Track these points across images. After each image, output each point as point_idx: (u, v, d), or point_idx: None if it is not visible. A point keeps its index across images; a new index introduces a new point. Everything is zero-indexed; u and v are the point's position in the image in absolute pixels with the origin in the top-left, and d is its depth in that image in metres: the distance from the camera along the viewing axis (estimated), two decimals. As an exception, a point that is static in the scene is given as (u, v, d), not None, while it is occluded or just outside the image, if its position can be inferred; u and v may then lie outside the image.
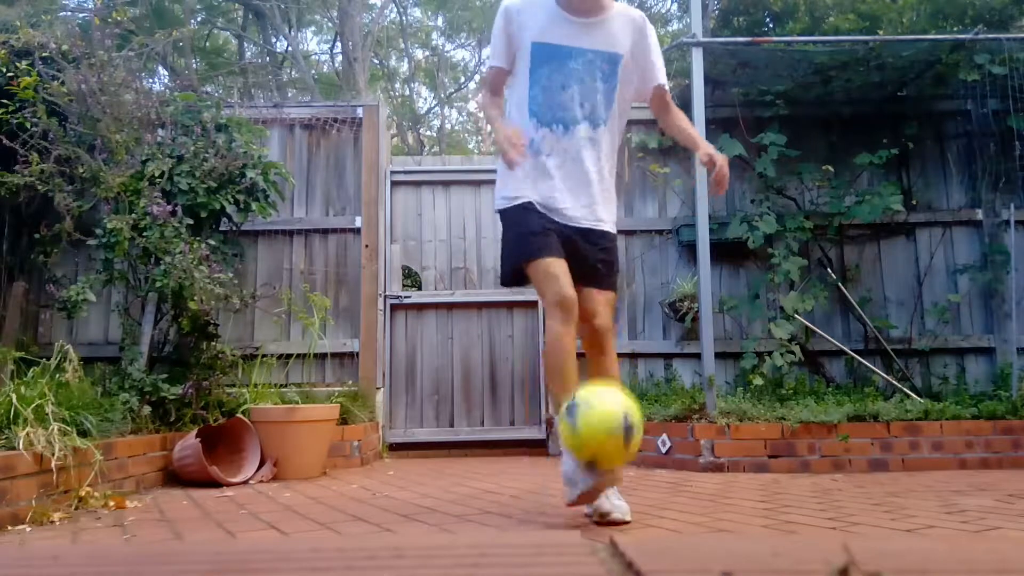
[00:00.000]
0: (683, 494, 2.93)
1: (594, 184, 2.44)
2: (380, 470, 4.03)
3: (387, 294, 4.97)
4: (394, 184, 5.18)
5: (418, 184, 5.23)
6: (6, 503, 2.37)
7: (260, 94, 12.81)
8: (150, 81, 8.46)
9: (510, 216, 2.46)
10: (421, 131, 16.62)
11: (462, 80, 16.75)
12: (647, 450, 4.00)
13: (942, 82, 4.91)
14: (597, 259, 2.43)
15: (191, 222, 4.03)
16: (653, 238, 5.13)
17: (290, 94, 13.63)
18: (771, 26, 6.83)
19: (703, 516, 2.40)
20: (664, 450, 3.91)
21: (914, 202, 5.06)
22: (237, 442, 3.69)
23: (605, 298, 2.42)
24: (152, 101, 4.24)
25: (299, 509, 2.70)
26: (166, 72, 11.37)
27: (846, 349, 4.75)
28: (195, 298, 3.79)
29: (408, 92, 16.84)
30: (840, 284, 4.86)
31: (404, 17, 15.55)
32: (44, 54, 4.07)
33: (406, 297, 5.02)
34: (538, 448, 4.84)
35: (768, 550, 0.96)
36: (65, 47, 4.09)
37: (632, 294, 5.09)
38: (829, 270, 4.90)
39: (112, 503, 2.76)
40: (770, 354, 4.50)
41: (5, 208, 4.41)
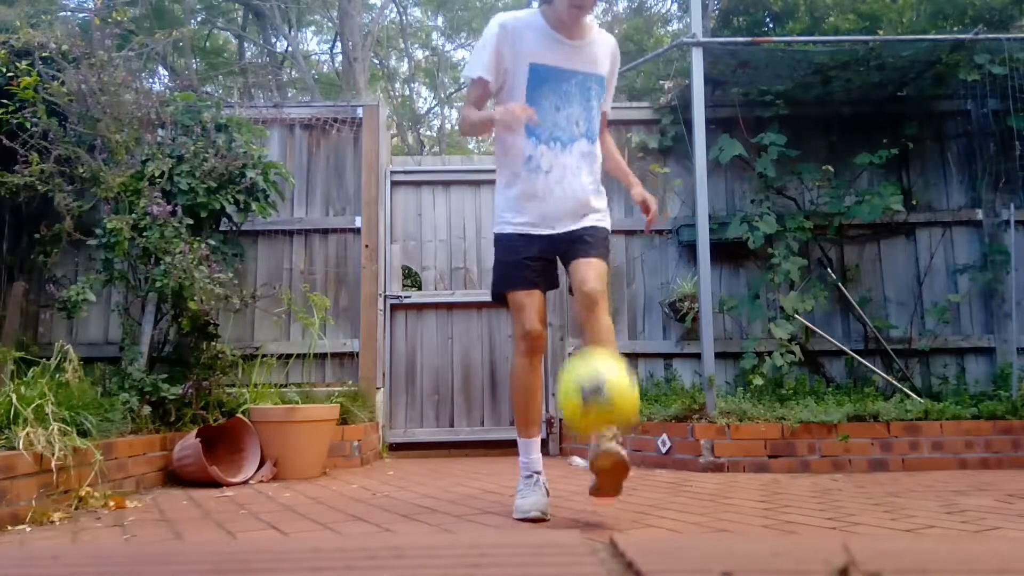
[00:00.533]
0: (683, 494, 2.94)
1: (591, 196, 2.52)
2: (380, 470, 4.03)
3: (387, 294, 4.97)
4: (394, 184, 5.18)
5: (418, 184, 5.23)
6: (6, 503, 2.37)
7: (260, 94, 12.81)
8: (150, 81, 8.46)
9: (498, 242, 2.57)
10: (421, 131, 16.64)
11: (462, 80, 16.75)
12: (647, 450, 4.00)
13: (942, 82, 4.91)
14: (584, 232, 2.48)
15: (191, 222, 4.03)
16: (653, 238, 5.12)
17: (290, 94, 13.64)
18: (771, 26, 6.84)
19: (703, 516, 2.41)
20: (664, 450, 3.91)
21: (914, 202, 5.06)
22: (237, 442, 3.69)
23: (593, 265, 2.42)
24: (152, 101, 4.24)
25: (299, 509, 2.70)
26: (166, 72, 11.39)
27: (846, 349, 4.75)
28: (195, 298, 3.79)
29: (408, 92, 16.87)
30: (840, 284, 4.86)
31: (404, 17, 15.57)
32: (44, 54, 4.06)
33: (406, 297, 5.02)
34: (538, 448, 4.84)
35: (768, 550, 0.96)
36: (65, 47, 4.09)
37: (632, 294, 5.09)
38: (829, 270, 4.90)
39: (112, 503, 2.76)
40: (770, 354, 4.50)
41: (5, 208, 4.42)
